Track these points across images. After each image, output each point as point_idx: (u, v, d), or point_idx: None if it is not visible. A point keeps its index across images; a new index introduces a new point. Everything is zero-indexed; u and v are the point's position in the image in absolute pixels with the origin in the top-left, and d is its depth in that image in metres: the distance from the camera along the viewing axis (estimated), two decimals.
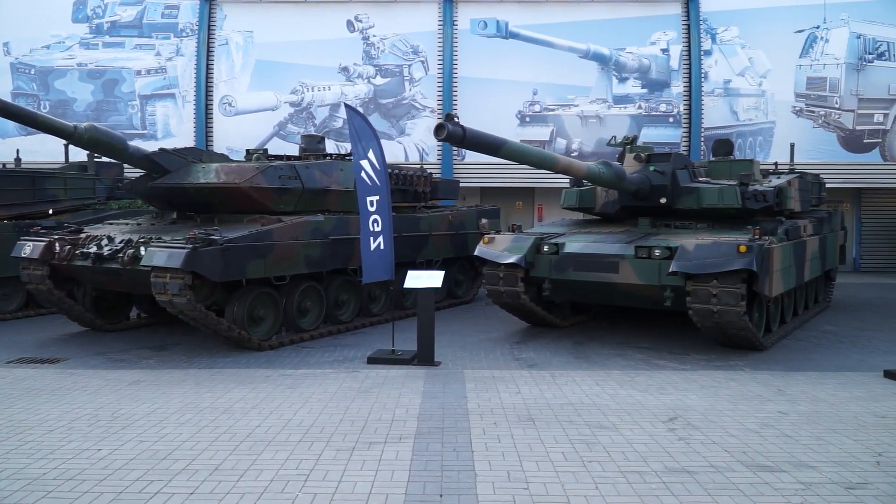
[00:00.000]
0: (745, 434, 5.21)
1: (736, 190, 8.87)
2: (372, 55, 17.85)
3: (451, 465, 4.55)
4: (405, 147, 17.77)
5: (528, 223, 17.22)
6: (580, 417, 5.64)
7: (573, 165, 8.43)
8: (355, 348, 8.62)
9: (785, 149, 13.95)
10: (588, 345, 8.83)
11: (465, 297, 12.75)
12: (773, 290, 7.99)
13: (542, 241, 8.87)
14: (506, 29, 17.83)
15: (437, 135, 6.78)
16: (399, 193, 11.22)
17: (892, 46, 17.56)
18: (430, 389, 6.54)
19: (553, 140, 17.65)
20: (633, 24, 17.89)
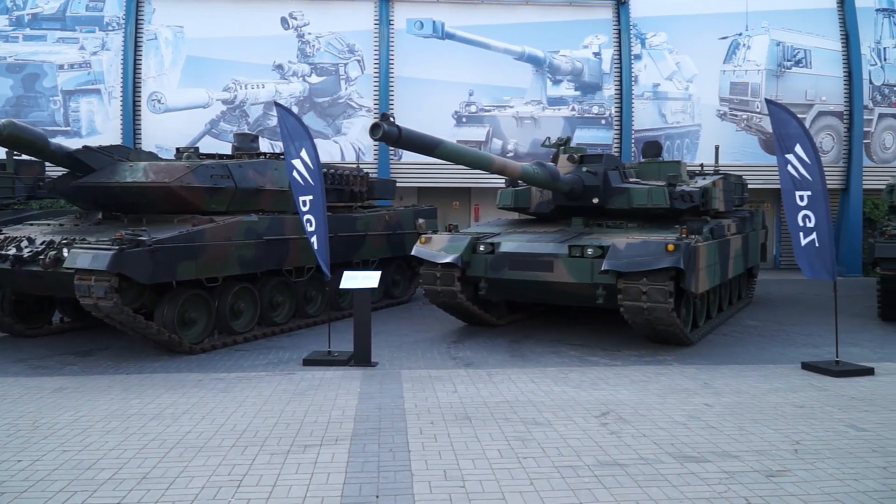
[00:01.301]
0: (672, 426, 5.38)
1: (664, 190, 9.15)
2: (307, 53, 17.62)
3: (388, 465, 4.55)
4: (341, 146, 17.62)
5: (465, 223, 17.34)
6: (516, 415, 5.72)
7: (508, 166, 8.54)
8: (291, 350, 8.50)
9: (710, 151, 14.48)
10: (524, 343, 8.95)
11: (402, 297, 12.74)
12: (699, 287, 8.27)
13: (478, 240, 8.94)
14: (442, 29, 17.88)
15: (373, 134, 6.76)
16: (335, 193, 11.13)
17: (809, 54, 18.43)
18: (367, 390, 6.52)
19: (489, 140, 17.80)
20: (566, 27, 18.21)
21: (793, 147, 7.48)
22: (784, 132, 7.51)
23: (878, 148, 18.65)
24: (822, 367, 7.30)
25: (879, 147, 18.67)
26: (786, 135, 7.50)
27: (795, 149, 7.47)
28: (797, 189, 7.47)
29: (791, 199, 7.52)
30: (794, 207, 7.49)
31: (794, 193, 7.50)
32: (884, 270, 9.97)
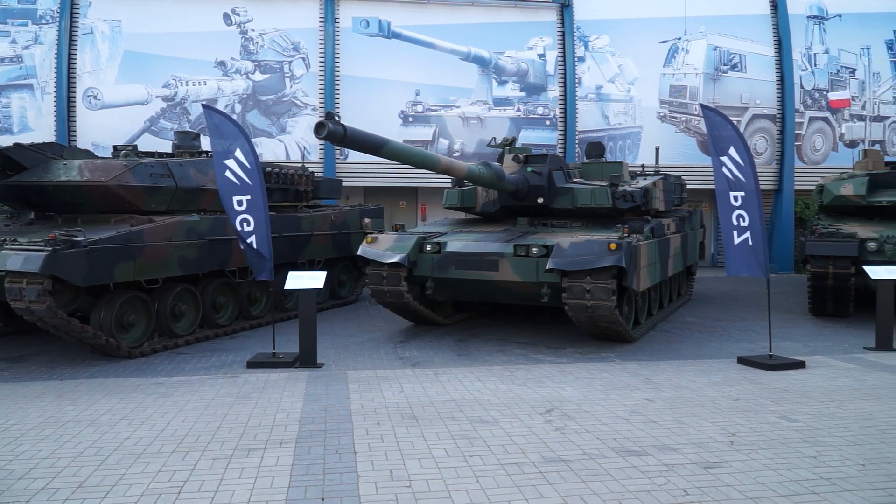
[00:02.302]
0: (615, 421, 5.50)
1: (607, 190, 9.32)
2: (250, 50, 17.32)
3: (334, 467, 4.52)
4: (286, 145, 17.38)
5: (412, 223, 17.33)
6: (462, 413, 5.75)
7: (454, 166, 8.58)
8: (234, 352, 8.36)
9: (651, 152, 14.83)
10: (470, 342, 9.00)
11: (349, 298, 12.66)
12: (640, 285, 8.47)
13: (424, 240, 8.95)
14: (388, 29, 17.82)
15: (318, 133, 6.70)
16: (279, 193, 10.99)
17: (744, 59, 19.05)
18: (313, 392, 6.46)
19: (436, 140, 17.83)
20: (511, 28, 18.38)
21: (727, 149, 7.71)
22: (718, 134, 7.74)
23: (808, 150, 19.40)
24: (757, 361, 7.56)
25: (810, 149, 19.42)
26: (720, 137, 7.74)
27: (729, 151, 7.69)
28: (731, 190, 7.72)
29: (725, 200, 7.76)
30: (728, 207, 7.73)
31: (728, 194, 7.75)
32: (814, 268, 10.38)
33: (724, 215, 7.84)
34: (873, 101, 19.70)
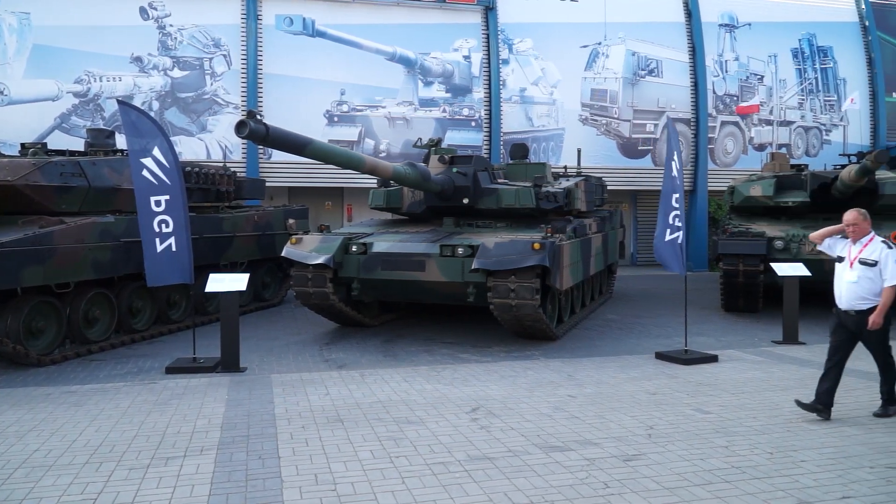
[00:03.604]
0: (539, 418, 5.60)
1: (531, 191, 9.49)
2: (169, 46, 16.77)
3: (257, 473, 4.43)
4: (207, 144, 16.91)
5: (338, 223, 17.18)
6: (388, 414, 5.74)
7: (379, 166, 8.55)
8: (153, 358, 8.09)
9: (573, 153, 15.16)
10: (397, 342, 9.00)
11: (273, 300, 12.44)
12: (563, 284, 8.66)
13: (350, 241, 8.89)
14: (312, 27, 17.59)
15: (239, 132, 6.55)
16: (199, 193, 10.69)
17: (661, 64, 19.75)
18: (235, 397, 6.32)
19: (361, 140, 17.72)
20: (436, 30, 18.46)
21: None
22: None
23: (720, 153, 20.28)
24: (673, 356, 7.86)
25: (722, 152, 20.31)
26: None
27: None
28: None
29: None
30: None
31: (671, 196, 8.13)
32: (725, 266, 10.86)
33: (663, 215, 8.24)
34: (780, 107, 20.76)
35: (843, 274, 5.64)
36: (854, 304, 5.53)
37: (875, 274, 5.46)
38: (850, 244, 5.67)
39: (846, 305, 5.58)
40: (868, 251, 5.53)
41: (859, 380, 6.82)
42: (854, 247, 5.64)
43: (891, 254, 5.44)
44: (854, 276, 5.53)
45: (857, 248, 5.61)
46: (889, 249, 5.46)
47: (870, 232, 5.63)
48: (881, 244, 5.52)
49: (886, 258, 5.44)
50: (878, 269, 5.45)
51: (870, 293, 5.48)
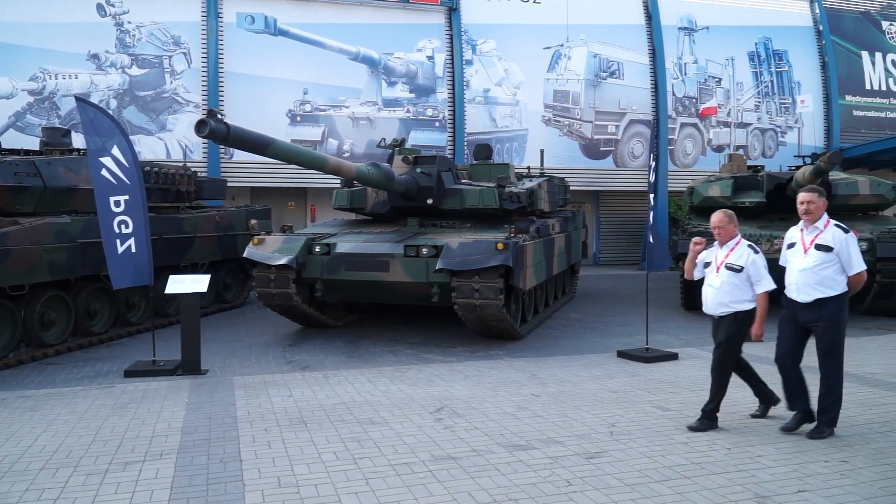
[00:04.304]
0: (503, 417, 5.63)
1: (494, 192, 9.54)
2: (127, 43, 16.44)
3: (218, 477, 4.38)
4: (167, 143, 16.63)
5: (301, 223, 17.03)
6: (352, 416, 5.71)
7: (343, 166, 8.51)
8: (111, 361, 7.93)
9: (536, 154, 15.30)
10: (361, 343, 8.96)
11: (235, 301, 12.29)
12: (527, 284, 8.72)
13: (313, 241, 8.82)
14: (274, 26, 17.42)
15: (199, 131, 6.46)
16: (159, 193, 10.51)
17: (622, 66, 20.03)
18: (196, 400, 6.22)
19: (325, 140, 17.61)
20: (400, 30, 18.43)
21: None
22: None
23: (680, 154, 20.64)
24: (635, 355, 7.97)
25: (682, 153, 20.67)
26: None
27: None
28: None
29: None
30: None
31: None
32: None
33: None
34: (737, 109, 21.21)
35: (708, 278, 5.39)
36: (716, 309, 5.31)
37: (740, 280, 5.19)
38: (717, 248, 5.40)
39: (710, 311, 5.37)
40: (734, 256, 5.25)
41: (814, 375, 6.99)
42: (720, 251, 5.36)
43: (758, 259, 5.19)
44: (718, 281, 5.27)
45: (724, 253, 5.33)
46: (756, 255, 5.20)
47: (736, 235, 5.37)
48: (748, 249, 5.25)
49: (754, 264, 5.18)
50: (745, 275, 5.18)
51: (732, 299, 5.21)
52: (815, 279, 4.95)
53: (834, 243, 4.94)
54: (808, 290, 4.99)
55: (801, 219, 5.13)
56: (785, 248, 5.26)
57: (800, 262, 5.04)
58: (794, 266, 5.09)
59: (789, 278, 5.14)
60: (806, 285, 4.99)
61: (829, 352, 5.03)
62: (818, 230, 5.03)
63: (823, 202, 5.08)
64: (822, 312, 4.96)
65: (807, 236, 5.07)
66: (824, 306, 4.95)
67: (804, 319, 5.07)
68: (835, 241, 4.94)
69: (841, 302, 4.97)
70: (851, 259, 4.92)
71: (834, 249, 4.93)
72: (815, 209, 5.03)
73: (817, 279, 4.94)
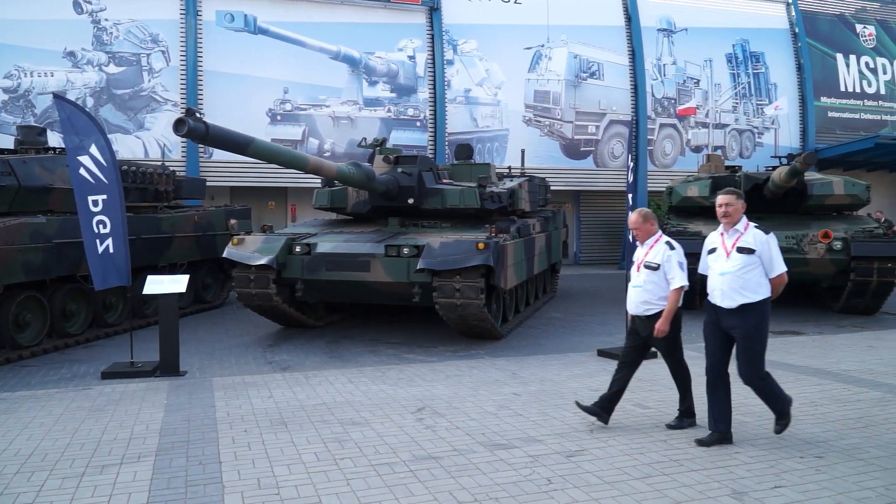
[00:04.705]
0: (484, 417, 5.64)
1: (475, 191, 9.55)
2: (104, 41, 16.25)
3: (197, 479, 4.34)
4: (145, 142, 16.46)
5: (282, 223, 16.95)
6: (333, 416, 5.69)
7: (323, 166, 8.48)
8: (88, 363, 7.84)
9: (517, 154, 15.34)
10: (342, 343, 8.94)
11: (215, 302, 12.20)
12: (507, 283, 8.74)
13: (294, 241, 8.79)
14: (254, 24, 17.31)
15: (177, 130, 6.40)
16: (137, 192, 10.41)
17: (602, 67, 20.15)
18: (175, 401, 6.17)
19: (305, 140, 17.53)
20: (381, 29, 18.40)
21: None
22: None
23: (659, 154, 20.80)
24: (615, 353, 7.97)
25: (661, 153, 20.84)
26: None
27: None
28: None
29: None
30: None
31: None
32: None
33: None
34: (715, 110, 21.42)
35: (633, 278, 5.32)
36: (640, 309, 5.20)
37: (659, 278, 5.10)
38: (639, 247, 5.31)
39: (634, 310, 5.27)
40: (652, 254, 5.17)
41: (790, 373, 7.10)
42: (640, 250, 5.29)
43: (674, 255, 5.09)
44: (640, 279, 5.19)
45: (643, 252, 5.25)
46: (672, 251, 5.11)
47: (655, 233, 5.27)
48: (665, 246, 5.15)
49: (669, 260, 5.08)
50: (662, 272, 5.10)
51: (655, 297, 5.12)
52: (738, 283, 4.77)
53: (755, 245, 4.78)
54: (732, 296, 4.79)
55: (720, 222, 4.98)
56: (705, 254, 5.08)
57: (722, 267, 4.86)
58: (716, 270, 4.90)
59: (712, 283, 4.94)
60: (731, 290, 4.79)
61: (751, 359, 4.82)
62: (739, 233, 4.88)
63: (742, 204, 4.95)
64: (746, 318, 4.76)
65: (728, 240, 4.91)
66: (748, 311, 4.76)
67: (727, 325, 4.87)
68: (756, 242, 4.79)
69: (764, 307, 4.79)
70: (773, 260, 4.77)
71: (756, 252, 4.76)
72: (733, 212, 4.88)
73: (741, 283, 4.76)
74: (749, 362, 4.82)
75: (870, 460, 4.55)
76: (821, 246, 10.46)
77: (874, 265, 10.24)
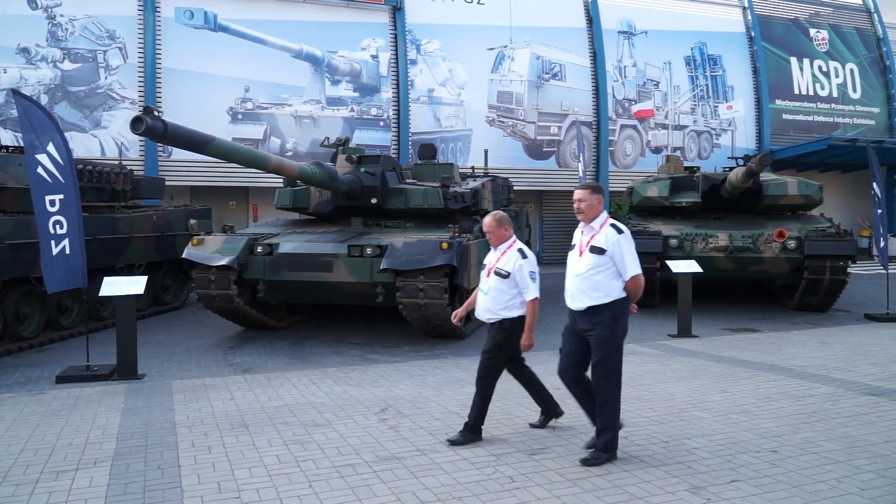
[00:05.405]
0: (447, 416, 5.66)
1: (438, 191, 9.57)
2: (59, 37, 15.86)
3: (156, 484, 4.27)
4: (101, 141, 16.11)
5: (243, 223, 16.74)
6: (295, 418, 5.65)
7: (285, 165, 8.40)
8: (41, 367, 7.65)
9: (481, 154, 15.40)
10: (304, 344, 8.87)
11: (174, 303, 12.00)
12: (471, 283, 8.75)
13: (255, 241, 8.69)
14: (214, 21, 17.08)
15: (135, 129, 6.28)
16: (93, 192, 10.19)
17: (564, 68, 20.34)
18: (133, 405, 6.05)
19: (267, 139, 17.35)
20: (344, 28, 18.31)
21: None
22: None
23: (620, 155, 21.09)
24: None
25: (622, 154, 21.12)
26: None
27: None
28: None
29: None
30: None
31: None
32: None
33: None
34: (674, 112, 21.80)
35: (481, 283, 5.06)
36: (484, 316, 4.98)
37: (507, 286, 4.82)
38: (492, 251, 5.07)
39: (480, 316, 5.02)
40: (504, 261, 4.88)
41: (745, 369, 7.26)
42: (493, 254, 5.03)
43: (525, 265, 4.79)
44: (487, 286, 4.93)
45: (496, 257, 4.98)
46: (523, 260, 4.81)
47: (509, 238, 5.00)
48: (517, 254, 4.87)
49: (520, 270, 4.80)
50: (512, 280, 4.82)
51: (499, 306, 4.86)
52: (587, 284, 4.48)
53: (606, 245, 4.44)
54: (580, 297, 4.52)
55: None
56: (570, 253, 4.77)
57: (574, 267, 4.59)
58: (570, 271, 4.62)
59: (567, 284, 4.68)
60: (579, 291, 4.53)
61: (599, 364, 4.50)
62: (594, 231, 4.53)
63: (598, 199, 4.56)
64: (596, 320, 4.47)
65: (584, 238, 4.58)
66: (597, 314, 4.46)
67: (580, 328, 4.59)
68: (607, 242, 4.44)
69: (616, 310, 4.48)
70: (625, 262, 4.44)
71: (607, 252, 4.44)
72: (586, 208, 4.53)
73: (589, 284, 4.47)
74: (597, 367, 4.53)
75: (822, 454, 4.68)
76: (776, 245, 10.71)
77: (827, 264, 10.53)
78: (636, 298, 4.60)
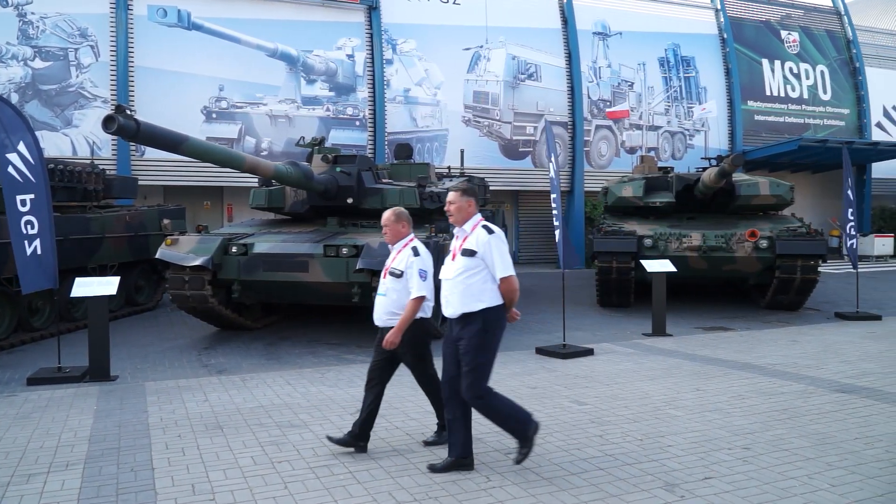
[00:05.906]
0: (424, 416, 5.66)
1: (414, 191, 9.57)
2: (30, 35, 15.59)
3: (129, 486, 4.22)
4: (73, 140, 15.87)
5: (218, 223, 16.59)
6: (271, 419, 5.62)
7: (260, 165, 8.34)
8: (12, 369, 7.52)
9: (457, 154, 15.42)
10: (280, 345, 8.82)
11: (148, 304, 11.86)
12: None
13: (230, 241, 8.62)
14: (188, 19, 16.90)
15: (107, 128, 6.20)
16: (64, 192, 10.03)
17: (539, 69, 20.44)
18: (105, 407, 5.98)
19: (242, 138, 17.21)
20: (319, 27, 18.22)
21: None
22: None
23: (595, 155, 21.24)
24: (552, 351, 8.16)
25: (597, 155, 21.28)
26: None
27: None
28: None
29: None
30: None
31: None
32: (600, 263, 11.39)
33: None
34: (649, 113, 22.01)
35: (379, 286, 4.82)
36: (383, 320, 4.72)
37: (402, 286, 4.60)
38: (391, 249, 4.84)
39: (379, 321, 4.76)
40: (398, 260, 4.67)
41: (718, 367, 7.36)
42: (391, 254, 4.82)
43: (416, 262, 4.54)
44: (384, 287, 4.71)
45: (391, 257, 4.78)
46: (415, 258, 4.57)
47: (407, 235, 4.77)
48: (410, 251, 4.63)
49: (411, 267, 4.55)
50: (405, 279, 4.59)
51: (398, 307, 4.61)
52: (459, 289, 4.27)
53: (477, 246, 4.25)
54: (453, 303, 4.31)
55: None
56: None
57: (447, 271, 4.37)
58: (443, 276, 4.41)
59: (442, 290, 4.41)
60: (452, 296, 4.31)
61: (467, 372, 4.29)
62: (466, 233, 4.35)
63: (468, 202, 4.37)
64: (468, 327, 4.27)
65: (458, 242, 4.40)
66: (470, 321, 4.26)
67: (455, 336, 4.37)
68: (478, 244, 4.25)
69: (490, 316, 4.28)
70: (496, 262, 4.24)
71: (478, 253, 4.25)
72: (455, 210, 4.36)
73: (462, 289, 4.26)
74: (465, 376, 4.29)
75: (794, 450, 4.76)
76: (748, 244, 10.86)
77: (798, 263, 10.70)
78: (513, 304, 4.43)
